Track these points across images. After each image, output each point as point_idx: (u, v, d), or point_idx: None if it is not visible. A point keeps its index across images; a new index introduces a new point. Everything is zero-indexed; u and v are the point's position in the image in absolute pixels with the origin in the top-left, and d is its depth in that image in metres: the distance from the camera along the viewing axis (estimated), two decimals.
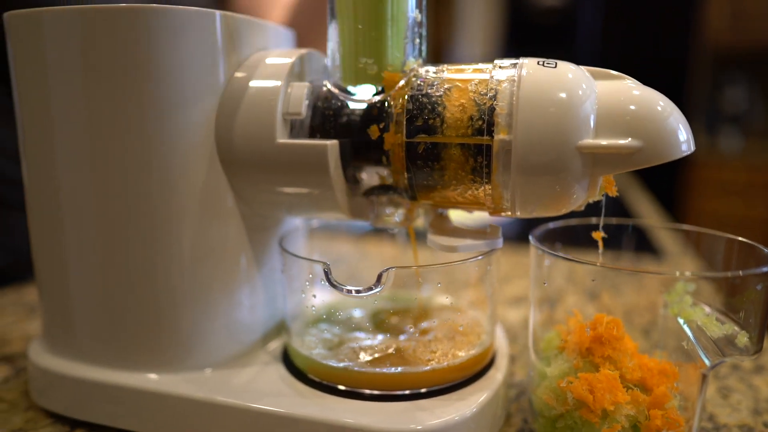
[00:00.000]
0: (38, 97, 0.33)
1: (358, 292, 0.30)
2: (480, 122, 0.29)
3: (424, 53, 0.34)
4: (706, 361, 0.30)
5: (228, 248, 0.35)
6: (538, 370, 0.34)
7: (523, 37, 2.53)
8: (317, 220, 0.43)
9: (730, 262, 0.35)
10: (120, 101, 0.31)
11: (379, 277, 0.29)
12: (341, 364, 0.33)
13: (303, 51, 0.34)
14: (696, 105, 2.45)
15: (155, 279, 0.33)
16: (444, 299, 0.39)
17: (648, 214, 1.03)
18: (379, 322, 0.37)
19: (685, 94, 2.40)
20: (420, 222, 0.38)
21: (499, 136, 0.29)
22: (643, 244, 0.36)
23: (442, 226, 0.35)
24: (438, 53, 2.71)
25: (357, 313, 0.39)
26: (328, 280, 0.30)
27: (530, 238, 0.34)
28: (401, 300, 0.39)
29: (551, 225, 0.36)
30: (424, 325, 0.36)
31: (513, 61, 0.31)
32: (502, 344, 0.38)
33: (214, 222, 0.34)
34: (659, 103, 0.28)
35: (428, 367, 0.32)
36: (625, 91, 0.29)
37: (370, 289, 0.30)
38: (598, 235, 0.34)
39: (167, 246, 0.33)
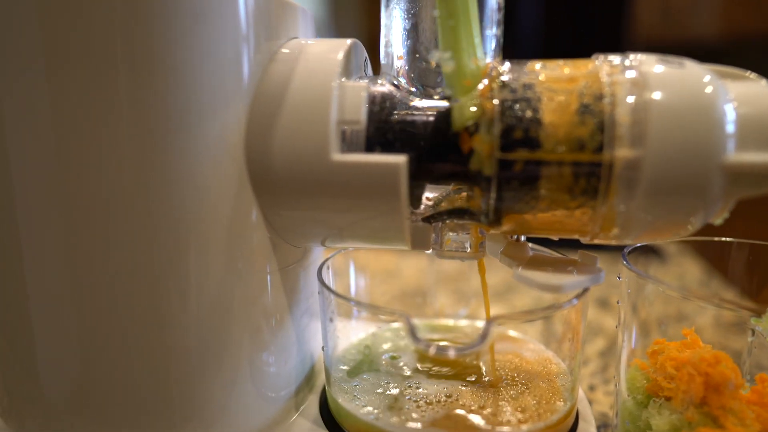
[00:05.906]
0: None
1: (442, 350, 0.24)
2: (598, 134, 0.24)
3: (501, 46, 0.28)
4: None
5: (254, 292, 0.27)
6: (633, 415, 0.29)
7: None
8: None
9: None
10: (106, 115, 0.23)
11: (485, 333, 0.23)
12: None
13: (349, 41, 0.27)
14: None
15: (161, 340, 0.25)
16: (518, 336, 0.33)
17: None
18: (440, 363, 0.31)
19: None
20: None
21: (624, 151, 0.23)
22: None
23: (520, 255, 0.29)
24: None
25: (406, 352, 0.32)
26: (414, 337, 0.24)
27: (624, 260, 0.29)
28: (460, 331, 0.33)
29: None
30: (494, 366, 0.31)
31: (620, 56, 0.26)
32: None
33: (238, 262, 0.26)
34: None
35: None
36: (762, 93, 0.24)
37: (471, 346, 0.23)
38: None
39: (176, 297, 0.25)
